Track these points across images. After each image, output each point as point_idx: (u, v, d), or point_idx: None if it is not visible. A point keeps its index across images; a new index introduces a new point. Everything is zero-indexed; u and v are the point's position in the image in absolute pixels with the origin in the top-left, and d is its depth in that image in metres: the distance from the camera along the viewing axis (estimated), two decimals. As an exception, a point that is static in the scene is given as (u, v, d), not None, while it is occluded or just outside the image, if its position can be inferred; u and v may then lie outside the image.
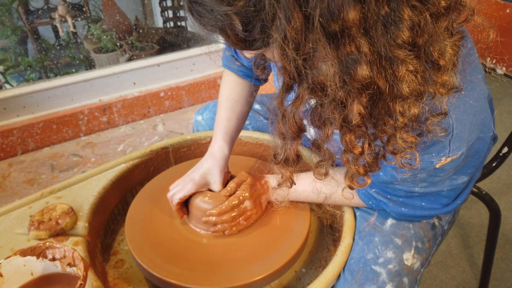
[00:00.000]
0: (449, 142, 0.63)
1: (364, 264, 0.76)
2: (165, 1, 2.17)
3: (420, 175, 0.69)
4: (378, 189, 0.78)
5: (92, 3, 2.14)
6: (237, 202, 0.83)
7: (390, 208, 0.78)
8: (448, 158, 0.65)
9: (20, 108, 1.53)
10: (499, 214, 1.10)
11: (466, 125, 0.63)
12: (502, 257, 1.43)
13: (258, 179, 0.88)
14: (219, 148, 0.90)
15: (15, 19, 2.04)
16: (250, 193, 0.84)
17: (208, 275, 0.78)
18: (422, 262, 0.79)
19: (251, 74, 0.98)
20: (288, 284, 0.87)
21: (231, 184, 0.86)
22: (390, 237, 0.79)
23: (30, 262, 0.71)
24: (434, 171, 0.67)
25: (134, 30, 2.13)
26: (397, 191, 0.75)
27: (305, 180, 0.86)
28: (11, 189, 1.38)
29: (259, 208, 0.87)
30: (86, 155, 1.54)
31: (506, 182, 1.75)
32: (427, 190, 0.72)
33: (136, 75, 1.71)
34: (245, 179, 0.86)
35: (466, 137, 0.64)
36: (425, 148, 0.64)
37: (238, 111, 0.96)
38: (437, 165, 0.65)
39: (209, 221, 0.83)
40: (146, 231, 0.86)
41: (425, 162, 0.65)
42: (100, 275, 0.82)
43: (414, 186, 0.72)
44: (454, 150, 0.64)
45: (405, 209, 0.77)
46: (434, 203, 0.76)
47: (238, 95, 0.97)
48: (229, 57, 0.98)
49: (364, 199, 0.82)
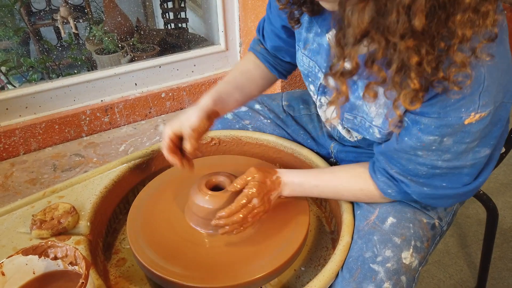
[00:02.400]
0: (479, 95, 0.62)
1: (362, 263, 0.76)
2: (166, 3, 2.18)
3: (446, 141, 0.68)
4: (399, 169, 0.76)
5: (94, 5, 2.14)
6: (246, 201, 0.81)
7: (412, 188, 0.77)
8: (477, 115, 0.64)
9: (23, 108, 1.54)
10: (497, 213, 1.11)
11: (495, 80, 0.63)
12: (499, 256, 1.44)
13: (268, 174, 0.86)
14: (203, 101, 0.92)
15: (17, 20, 2.04)
16: (258, 190, 0.82)
17: (209, 273, 0.79)
18: (420, 261, 0.80)
19: (271, 60, 1.01)
20: (287, 282, 0.88)
21: (237, 180, 0.84)
22: (389, 236, 0.79)
23: (32, 261, 0.71)
24: (461, 134, 0.66)
25: (136, 32, 2.14)
26: (418, 168, 0.73)
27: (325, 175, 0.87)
28: (14, 189, 1.39)
29: (267, 204, 0.85)
30: (88, 155, 1.55)
31: (503, 182, 1.76)
32: (450, 164, 0.71)
33: (138, 76, 1.72)
34: (254, 175, 0.84)
35: (494, 94, 0.64)
36: (455, 102, 0.63)
37: (240, 83, 0.99)
38: (466, 121, 0.64)
39: (219, 224, 0.81)
40: (147, 230, 0.87)
41: (455, 117, 0.64)
42: (101, 273, 0.83)
43: (437, 159, 0.71)
44: (483, 106, 0.63)
45: (427, 189, 0.76)
46: (456, 183, 0.74)
47: (248, 71, 1.00)
48: (255, 40, 1.03)
49: (383, 187, 0.80)
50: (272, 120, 1.11)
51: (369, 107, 0.75)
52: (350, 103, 0.78)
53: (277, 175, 0.87)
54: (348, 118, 0.81)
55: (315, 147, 1.07)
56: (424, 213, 0.84)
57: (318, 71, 0.83)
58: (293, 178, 0.87)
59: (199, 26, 2.25)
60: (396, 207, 0.83)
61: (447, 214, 0.87)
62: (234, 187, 0.84)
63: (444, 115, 0.65)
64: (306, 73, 0.88)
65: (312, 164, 1.03)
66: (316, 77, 0.85)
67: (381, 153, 0.79)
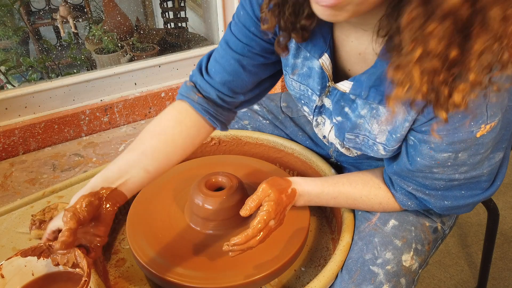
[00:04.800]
0: (486, 107, 0.61)
1: (362, 264, 0.76)
2: (166, 2, 2.17)
3: (461, 156, 0.66)
4: (416, 185, 0.74)
5: (94, 4, 2.14)
6: (262, 226, 0.73)
7: (432, 204, 0.75)
8: (487, 126, 0.63)
9: (22, 108, 1.54)
10: (497, 213, 1.11)
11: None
12: (500, 256, 1.44)
13: (283, 189, 0.78)
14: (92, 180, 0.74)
15: (16, 20, 2.04)
16: (275, 210, 0.75)
17: (208, 274, 0.79)
18: (420, 264, 0.79)
19: (213, 112, 0.84)
20: (288, 282, 0.88)
21: (249, 202, 0.76)
22: (390, 238, 0.78)
23: (31, 262, 0.71)
24: (475, 147, 0.65)
25: (135, 31, 2.14)
26: (435, 183, 0.72)
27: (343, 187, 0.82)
28: (13, 189, 1.38)
29: (282, 220, 0.79)
30: (88, 155, 1.54)
31: (504, 182, 1.76)
32: (467, 175, 0.69)
33: (137, 76, 1.71)
34: (268, 194, 0.76)
35: (500, 102, 0.63)
36: (463, 118, 0.62)
37: (155, 147, 0.79)
38: (478, 134, 0.63)
39: (233, 250, 0.74)
40: (146, 230, 0.87)
41: (465, 133, 0.63)
42: (101, 274, 0.83)
43: (454, 173, 0.69)
44: (491, 116, 0.62)
45: (447, 202, 0.74)
46: (474, 189, 0.73)
47: (181, 131, 0.82)
48: (189, 86, 0.85)
49: (403, 200, 0.78)
50: (270, 121, 1.11)
51: (371, 125, 0.72)
52: (351, 122, 0.74)
53: (292, 188, 0.80)
54: (350, 138, 0.77)
55: (314, 148, 1.07)
56: (427, 216, 0.83)
57: (312, 94, 0.79)
58: (309, 189, 0.82)
59: (199, 25, 2.25)
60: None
61: (450, 218, 0.86)
62: (247, 210, 0.75)
63: (453, 131, 0.63)
64: (298, 96, 0.84)
65: (312, 164, 1.03)
66: (310, 99, 0.81)
67: (394, 173, 0.77)
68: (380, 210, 0.83)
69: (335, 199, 0.82)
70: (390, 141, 0.72)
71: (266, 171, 1.03)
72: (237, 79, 0.82)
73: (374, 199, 0.81)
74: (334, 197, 0.82)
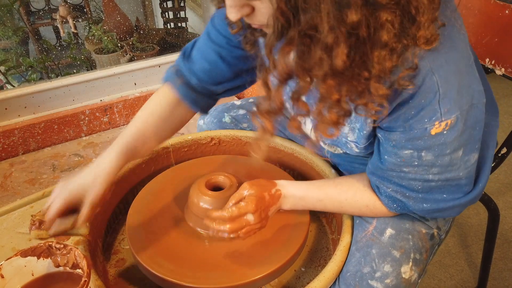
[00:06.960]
0: (438, 103, 0.62)
1: (360, 279, 0.74)
2: (165, 2, 2.17)
3: (425, 155, 0.66)
4: (394, 187, 0.73)
5: (93, 4, 2.15)
6: (236, 212, 0.75)
7: (412, 207, 0.74)
8: (442, 123, 0.63)
9: (22, 108, 1.54)
10: (498, 213, 1.11)
11: (454, 85, 0.62)
12: (500, 257, 1.44)
13: (266, 188, 0.79)
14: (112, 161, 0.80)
15: (16, 20, 2.05)
16: (256, 206, 0.75)
17: (208, 274, 0.78)
18: (419, 274, 0.78)
19: (194, 97, 0.89)
20: (288, 283, 0.87)
21: (231, 199, 0.78)
22: (388, 249, 0.76)
23: (31, 262, 0.71)
24: (439, 147, 0.65)
25: (135, 31, 2.14)
26: (412, 183, 0.71)
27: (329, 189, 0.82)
28: (13, 189, 1.38)
29: (264, 221, 0.78)
30: (87, 155, 1.54)
31: (504, 182, 1.76)
32: (442, 176, 0.69)
33: (137, 76, 1.71)
34: (249, 190, 0.78)
35: (457, 99, 0.62)
36: (415, 114, 0.63)
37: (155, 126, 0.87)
38: (432, 131, 0.64)
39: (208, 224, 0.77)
40: (146, 230, 0.87)
41: (419, 129, 0.64)
42: (101, 274, 0.82)
43: (426, 173, 0.69)
44: (446, 113, 0.62)
45: (426, 204, 0.73)
46: (456, 193, 0.72)
47: (165, 113, 0.88)
48: (173, 71, 0.89)
49: (388, 202, 0.76)
50: None
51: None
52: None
53: (276, 188, 0.80)
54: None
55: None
56: (423, 223, 0.81)
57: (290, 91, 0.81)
58: (295, 191, 0.81)
59: (198, 25, 2.25)
60: (394, 217, 0.81)
61: (446, 223, 0.85)
62: (230, 211, 0.75)
63: (408, 128, 0.65)
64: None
65: (312, 164, 1.03)
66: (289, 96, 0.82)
67: (371, 173, 0.76)
68: (369, 213, 0.81)
69: (321, 202, 0.81)
70: (360, 138, 0.74)
71: (266, 171, 1.02)
72: (215, 68, 0.85)
73: (360, 201, 0.79)
74: (319, 200, 0.81)
